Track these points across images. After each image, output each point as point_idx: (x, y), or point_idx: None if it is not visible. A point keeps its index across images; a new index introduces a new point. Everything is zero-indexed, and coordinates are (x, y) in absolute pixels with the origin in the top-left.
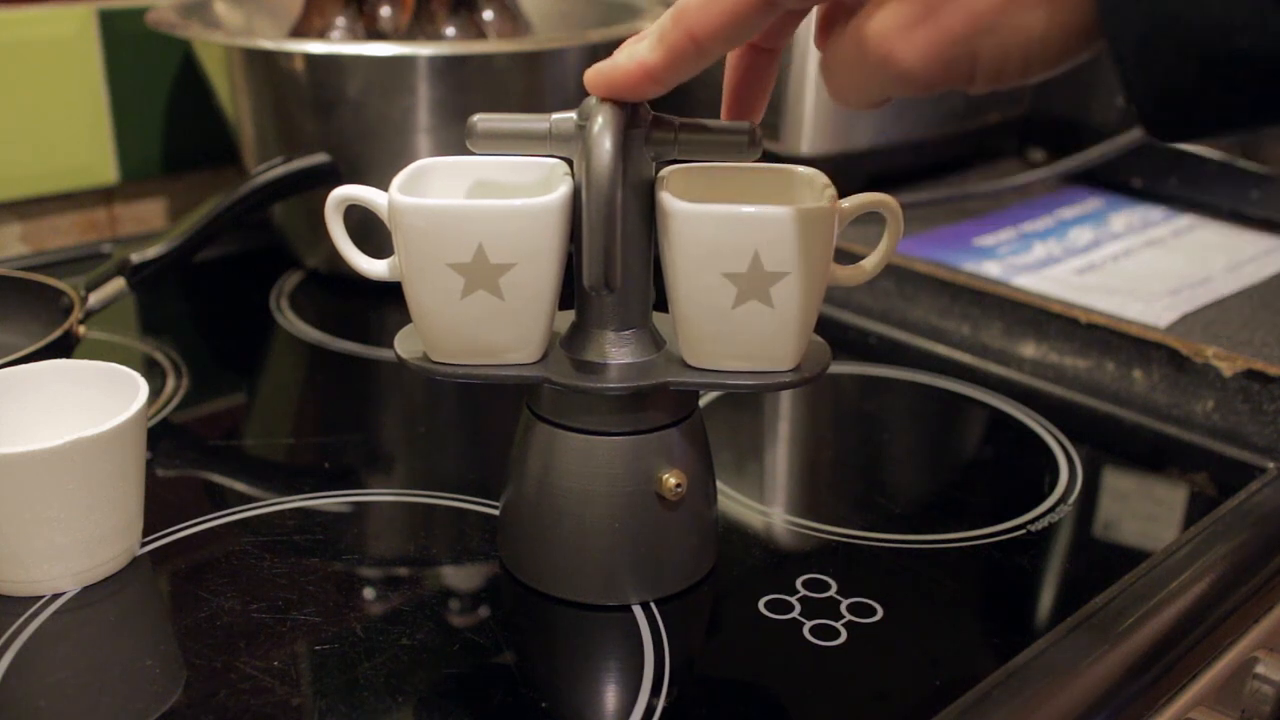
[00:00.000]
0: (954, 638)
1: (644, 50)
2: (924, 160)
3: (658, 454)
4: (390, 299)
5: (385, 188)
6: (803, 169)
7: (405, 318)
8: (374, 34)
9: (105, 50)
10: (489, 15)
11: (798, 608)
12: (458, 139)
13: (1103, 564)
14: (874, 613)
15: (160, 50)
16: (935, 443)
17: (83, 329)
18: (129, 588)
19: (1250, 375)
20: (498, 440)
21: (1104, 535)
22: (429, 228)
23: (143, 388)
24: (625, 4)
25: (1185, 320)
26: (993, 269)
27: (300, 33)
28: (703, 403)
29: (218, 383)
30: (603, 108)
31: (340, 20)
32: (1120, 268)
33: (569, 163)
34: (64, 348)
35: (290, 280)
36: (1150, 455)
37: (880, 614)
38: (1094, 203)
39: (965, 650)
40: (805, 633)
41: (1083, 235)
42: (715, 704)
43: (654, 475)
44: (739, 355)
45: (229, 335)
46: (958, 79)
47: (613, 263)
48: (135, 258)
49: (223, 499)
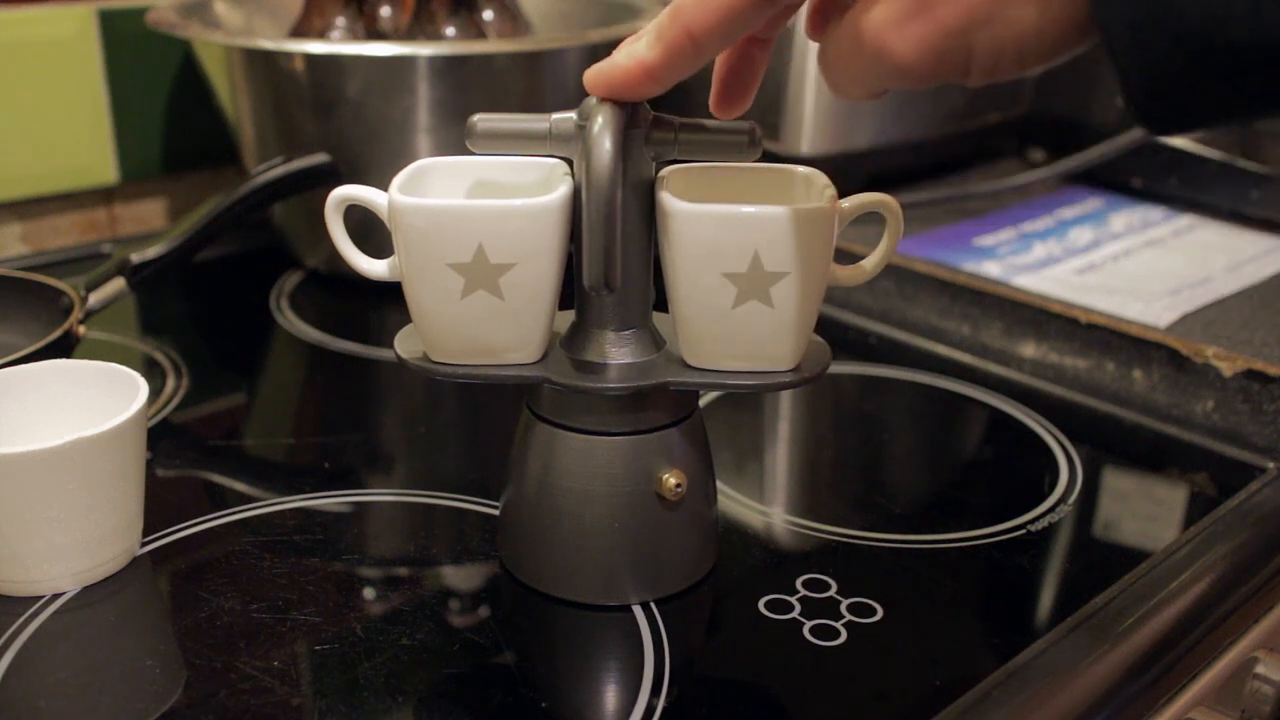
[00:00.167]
0: (954, 638)
1: (642, 49)
2: (924, 160)
3: (658, 454)
4: (390, 299)
5: (385, 188)
6: (803, 169)
7: (405, 318)
8: (374, 34)
9: (105, 50)
10: (489, 15)
11: (798, 608)
12: (458, 139)
13: (1103, 564)
14: (874, 613)
15: (160, 50)
16: (935, 443)
17: (83, 329)
18: (129, 588)
19: (1250, 375)
20: (498, 440)
21: (1104, 535)
22: (429, 228)
23: (143, 388)
24: (625, 4)
25: (1185, 320)
26: (993, 269)
27: (300, 33)
28: (703, 403)
29: (218, 383)
30: (603, 108)
31: (340, 20)
32: (1120, 268)
33: (569, 163)
34: (64, 348)
35: (290, 280)
36: (1150, 455)
37: (880, 614)
38: (1094, 203)
39: (965, 650)
40: (805, 633)
41: (1083, 235)
42: (715, 704)
43: (654, 475)
44: (739, 355)
45: (229, 335)
46: (953, 71)
47: (613, 263)
48: (135, 258)
49: (223, 499)
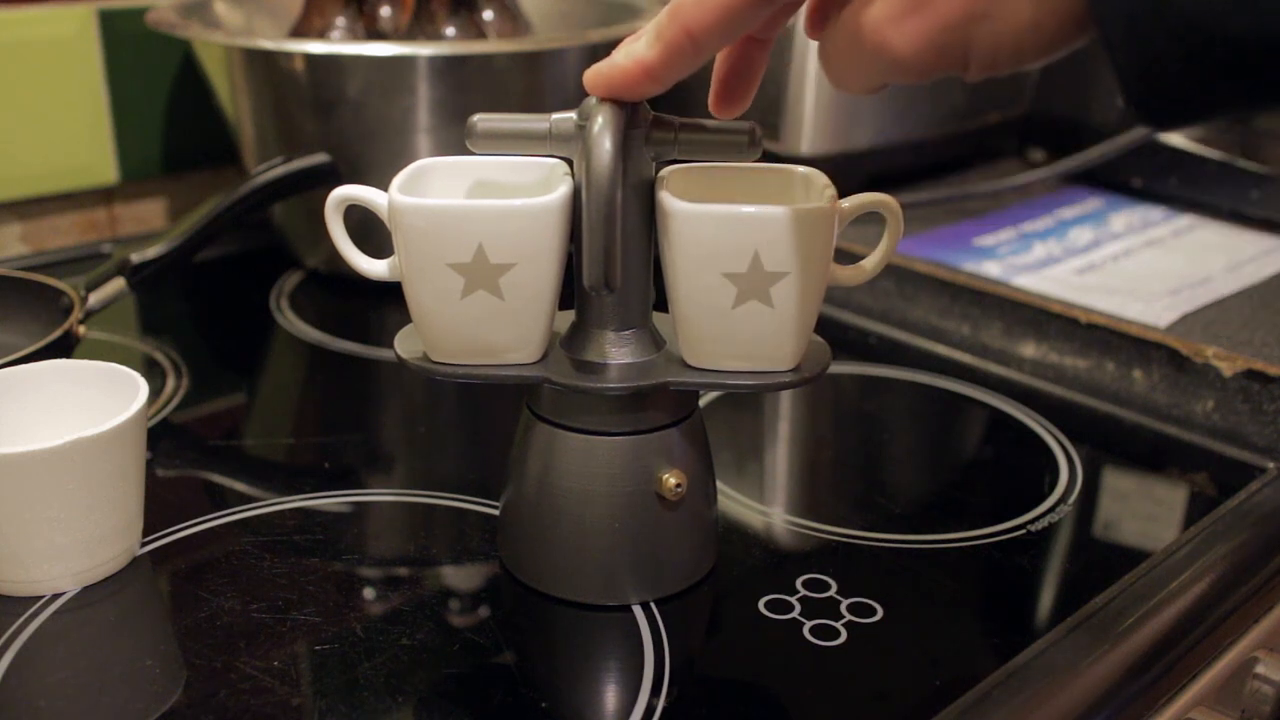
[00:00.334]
0: (954, 638)
1: (641, 48)
2: (924, 160)
3: (658, 454)
4: (390, 299)
5: (385, 188)
6: (803, 169)
7: (405, 318)
8: (374, 34)
9: (105, 50)
10: (489, 15)
11: (798, 608)
12: (458, 139)
13: (1103, 564)
14: (874, 613)
15: (160, 50)
16: (935, 443)
17: (83, 329)
18: (129, 588)
19: (1250, 375)
20: (498, 440)
21: (1104, 535)
22: (429, 228)
23: (143, 388)
24: (625, 4)
25: (1185, 320)
26: (993, 269)
27: (300, 33)
28: (703, 403)
29: (218, 383)
30: (602, 108)
31: (340, 20)
32: (1120, 268)
33: (569, 163)
34: (64, 348)
35: (290, 280)
36: (1150, 455)
37: (880, 614)
38: (1094, 203)
39: (965, 650)
40: (805, 633)
41: (1083, 235)
42: (715, 704)
43: (654, 475)
44: (739, 355)
45: (229, 335)
46: (952, 66)
47: (613, 263)
48: (135, 258)
49: (223, 499)
